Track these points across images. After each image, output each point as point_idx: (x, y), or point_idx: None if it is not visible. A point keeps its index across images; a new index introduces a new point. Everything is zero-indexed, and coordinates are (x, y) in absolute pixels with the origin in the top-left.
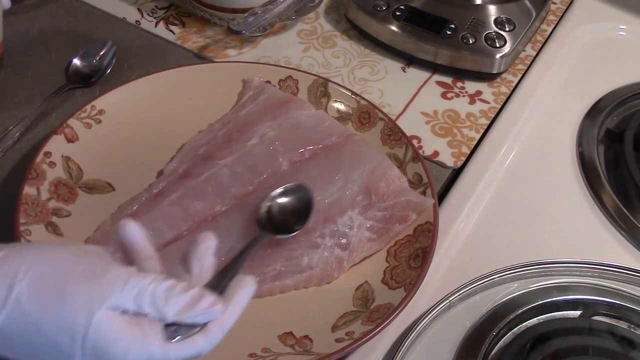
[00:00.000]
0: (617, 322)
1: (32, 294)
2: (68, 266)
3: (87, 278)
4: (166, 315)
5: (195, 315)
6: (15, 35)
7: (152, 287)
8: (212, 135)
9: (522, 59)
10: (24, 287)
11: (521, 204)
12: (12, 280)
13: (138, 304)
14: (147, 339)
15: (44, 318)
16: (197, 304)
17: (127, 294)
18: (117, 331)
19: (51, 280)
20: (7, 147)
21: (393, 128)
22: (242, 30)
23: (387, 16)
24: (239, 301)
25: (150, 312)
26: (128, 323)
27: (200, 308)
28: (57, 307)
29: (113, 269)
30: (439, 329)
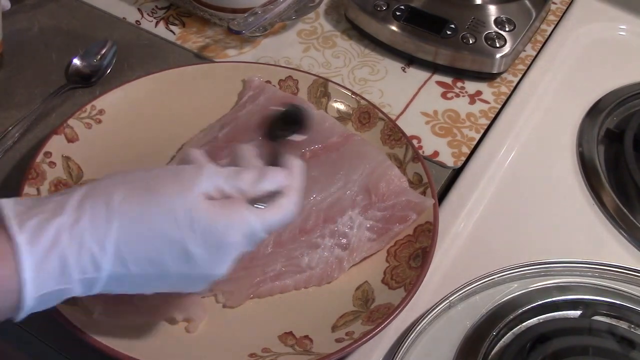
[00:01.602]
0: (617, 322)
1: (131, 200)
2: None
3: (168, 176)
4: (242, 187)
5: (268, 182)
6: (15, 35)
7: (221, 170)
8: (212, 136)
9: (522, 59)
10: (121, 196)
11: (521, 204)
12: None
13: (216, 186)
14: (240, 211)
15: (149, 214)
16: (265, 172)
17: (206, 179)
18: (212, 208)
19: (141, 186)
20: (7, 147)
21: (393, 128)
22: (242, 30)
23: (387, 16)
24: (298, 168)
25: (228, 189)
26: (220, 203)
27: (269, 174)
28: (157, 202)
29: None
30: (439, 329)
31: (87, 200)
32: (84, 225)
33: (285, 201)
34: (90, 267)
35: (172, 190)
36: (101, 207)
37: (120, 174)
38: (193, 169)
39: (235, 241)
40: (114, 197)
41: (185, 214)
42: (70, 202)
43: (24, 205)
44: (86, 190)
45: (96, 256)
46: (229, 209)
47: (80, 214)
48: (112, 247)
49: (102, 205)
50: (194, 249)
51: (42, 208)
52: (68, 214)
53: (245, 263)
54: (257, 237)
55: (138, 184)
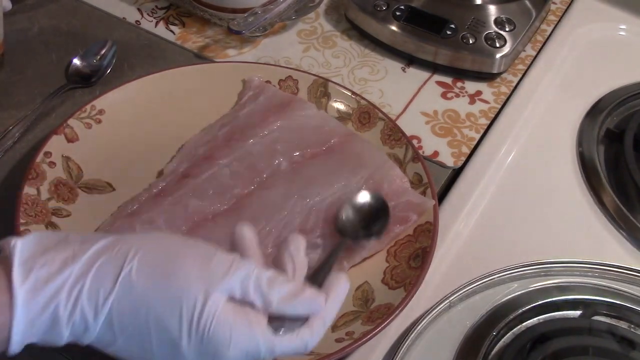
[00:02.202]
0: (617, 322)
1: (142, 273)
2: (176, 248)
3: (196, 259)
4: (271, 300)
5: (299, 304)
6: (15, 35)
7: (257, 272)
8: (212, 135)
9: (522, 59)
10: (134, 266)
11: (521, 204)
12: (123, 261)
13: (244, 289)
14: (253, 327)
15: (155, 295)
16: (300, 293)
17: (235, 277)
18: (225, 317)
19: (161, 260)
20: (7, 147)
21: (393, 128)
22: (242, 30)
23: (387, 16)
24: (338, 296)
25: (254, 298)
26: (235, 310)
27: (304, 297)
28: (169, 285)
29: (219, 253)
30: (439, 329)
31: (100, 258)
32: (85, 285)
33: (307, 333)
34: (80, 328)
35: (193, 279)
36: (109, 272)
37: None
38: (227, 263)
39: (235, 357)
40: (127, 265)
41: (192, 311)
42: (82, 259)
43: (38, 245)
44: (106, 245)
45: (88, 320)
46: (241, 322)
47: (86, 272)
48: (105, 315)
49: (112, 270)
50: (186, 351)
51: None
52: (76, 270)
53: None
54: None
55: (162, 257)
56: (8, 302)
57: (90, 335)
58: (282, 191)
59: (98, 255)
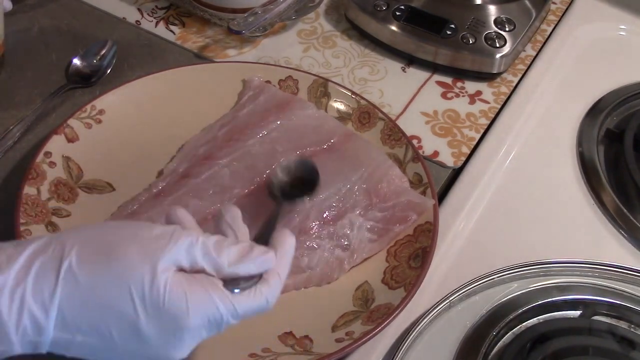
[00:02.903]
0: (617, 322)
1: (83, 263)
2: (113, 231)
3: (135, 237)
4: (221, 265)
5: (251, 263)
6: (15, 35)
7: (202, 239)
8: (212, 135)
9: (522, 59)
10: (73, 258)
11: (521, 204)
12: (61, 256)
13: (191, 257)
14: (208, 291)
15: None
16: (249, 252)
17: (179, 246)
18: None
19: (99, 246)
20: (7, 147)
21: (393, 128)
22: (242, 30)
23: (387, 16)
24: (287, 249)
25: (204, 265)
26: (187, 278)
27: (253, 255)
28: (112, 269)
29: (158, 226)
30: (439, 329)
31: (37, 258)
32: (27, 287)
33: (265, 289)
34: (31, 331)
35: (135, 257)
36: (50, 268)
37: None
38: (167, 235)
39: (197, 325)
40: (66, 259)
41: (142, 287)
42: (18, 260)
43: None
44: (40, 245)
45: (39, 320)
46: (196, 289)
47: (25, 273)
48: (55, 312)
49: (51, 266)
50: (146, 329)
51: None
52: (13, 273)
53: None
54: (224, 324)
55: (99, 245)
56: None
57: (46, 338)
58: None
59: (35, 256)
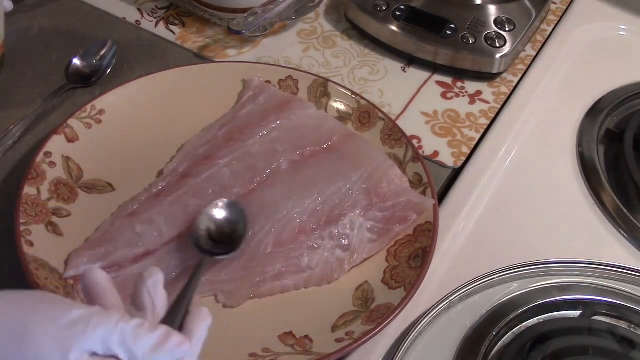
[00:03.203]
0: (617, 322)
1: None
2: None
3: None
4: (137, 354)
5: (164, 354)
6: (15, 35)
7: (121, 326)
8: (212, 135)
9: (522, 59)
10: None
11: (521, 204)
12: None
13: (106, 346)
14: None
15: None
16: (165, 342)
17: (95, 335)
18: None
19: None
20: (7, 147)
21: (393, 128)
22: (242, 30)
23: (387, 16)
24: (200, 337)
25: (118, 352)
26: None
27: (169, 346)
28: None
29: (75, 310)
30: (439, 329)
31: None
32: None
33: None
34: None
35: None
36: None
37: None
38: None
39: None
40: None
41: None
42: None
43: None
44: None
45: None
46: None
47: None
48: None
49: None
50: None
51: None
52: None
53: (245, 263)
54: None
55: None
56: None
57: None
58: (282, 191)
59: None
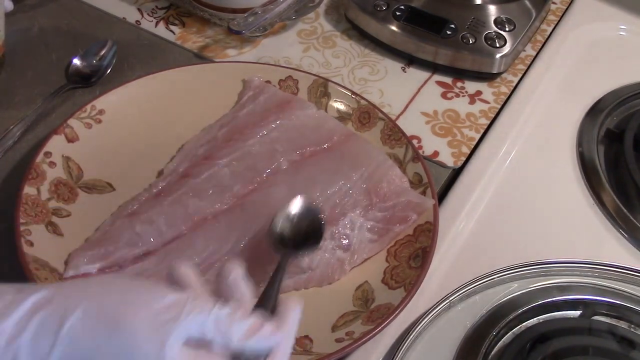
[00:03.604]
0: (617, 322)
1: (86, 328)
2: (122, 295)
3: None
4: (230, 340)
5: (259, 341)
6: (15, 35)
7: (215, 311)
8: (212, 135)
9: (522, 59)
10: (76, 322)
11: (521, 204)
12: (62, 315)
13: (202, 331)
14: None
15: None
16: (259, 329)
17: (190, 320)
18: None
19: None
20: (7, 147)
21: (393, 128)
22: (242, 30)
23: (387, 16)
24: (293, 325)
25: (213, 338)
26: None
27: (263, 332)
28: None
29: (170, 294)
30: (439, 329)
31: (37, 312)
32: (23, 342)
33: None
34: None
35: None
36: (50, 327)
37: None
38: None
39: None
40: (68, 320)
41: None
42: (17, 311)
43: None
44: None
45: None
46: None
47: (24, 326)
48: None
49: (51, 325)
50: None
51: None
52: (9, 325)
53: None
54: None
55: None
56: None
57: None
58: (283, 191)
59: (35, 309)
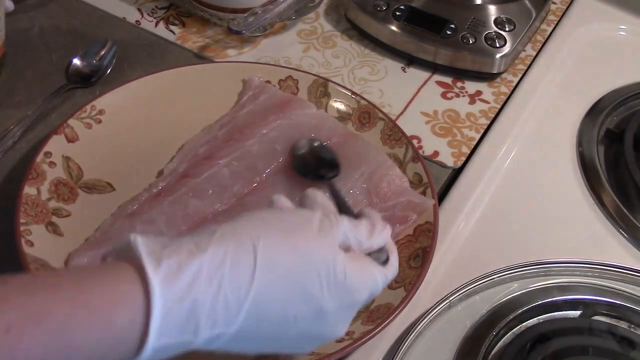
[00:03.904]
0: (617, 322)
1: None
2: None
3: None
4: (362, 241)
5: (379, 238)
6: (15, 35)
7: (346, 221)
8: (212, 135)
9: (522, 59)
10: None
11: (521, 204)
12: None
13: (345, 237)
14: (371, 269)
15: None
16: (374, 229)
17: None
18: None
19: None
20: (7, 147)
21: (393, 128)
22: (242, 30)
23: (387, 16)
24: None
25: (351, 242)
26: (351, 259)
27: (378, 231)
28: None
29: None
30: (439, 329)
31: (229, 239)
32: (225, 270)
33: (394, 259)
34: (221, 321)
35: (316, 244)
36: (246, 250)
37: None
38: (329, 222)
39: (364, 299)
40: (258, 248)
41: (327, 269)
42: (212, 240)
43: (157, 244)
44: (222, 234)
45: (231, 309)
46: (362, 267)
47: (224, 255)
48: (250, 301)
49: (247, 248)
50: (329, 307)
51: (177, 246)
52: (211, 253)
53: None
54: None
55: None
56: (141, 293)
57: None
58: (283, 191)
59: (224, 244)
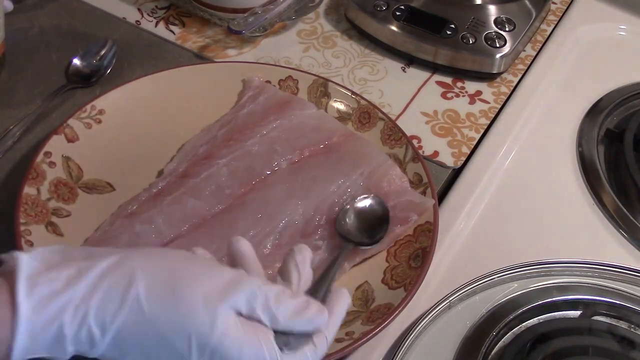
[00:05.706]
0: (617, 322)
1: (150, 295)
2: (183, 267)
3: (203, 277)
4: (278, 318)
5: (305, 321)
6: (15, 35)
7: (264, 288)
8: (212, 135)
9: (522, 59)
10: (141, 289)
11: (521, 204)
12: (129, 282)
13: (251, 306)
14: (262, 344)
15: (163, 319)
16: (306, 309)
17: (242, 294)
18: (234, 334)
19: (167, 280)
20: (7, 147)
21: (393, 128)
22: (242, 30)
23: (387, 16)
24: (340, 313)
25: (261, 316)
26: (243, 327)
27: (309, 314)
28: (177, 309)
29: (227, 271)
30: (439, 329)
31: (106, 278)
32: (92, 304)
33: (311, 351)
34: (86, 344)
35: (200, 301)
36: (117, 292)
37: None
38: (233, 282)
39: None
40: (133, 286)
41: (201, 332)
42: (88, 276)
43: (42, 262)
44: (111, 264)
45: (95, 337)
46: (251, 339)
47: (93, 292)
48: (112, 334)
49: (119, 290)
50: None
51: (62, 269)
52: (81, 289)
53: None
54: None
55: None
56: (10, 317)
57: (95, 352)
58: (282, 191)
59: (104, 275)
